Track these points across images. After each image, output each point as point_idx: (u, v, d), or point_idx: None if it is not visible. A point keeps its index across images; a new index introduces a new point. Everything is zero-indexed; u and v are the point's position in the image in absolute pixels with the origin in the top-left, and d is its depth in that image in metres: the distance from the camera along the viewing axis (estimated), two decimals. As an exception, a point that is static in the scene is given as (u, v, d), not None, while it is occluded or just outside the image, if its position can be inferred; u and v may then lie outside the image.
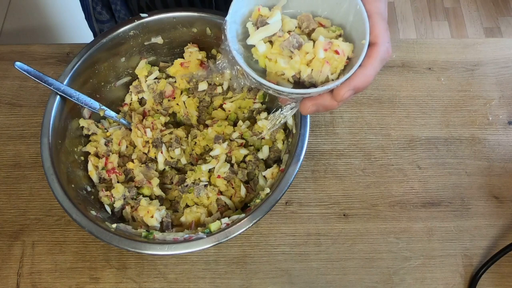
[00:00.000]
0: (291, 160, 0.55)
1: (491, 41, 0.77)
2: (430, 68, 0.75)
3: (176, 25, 0.65)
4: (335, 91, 0.44)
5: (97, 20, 0.83)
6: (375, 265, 0.61)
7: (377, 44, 0.43)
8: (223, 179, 0.61)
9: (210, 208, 0.60)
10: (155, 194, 0.62)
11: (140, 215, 0.59)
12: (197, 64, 0.66)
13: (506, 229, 0.63)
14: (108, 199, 0.60)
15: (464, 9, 1.93)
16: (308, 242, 0.62)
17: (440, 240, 0.62)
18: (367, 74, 0.43)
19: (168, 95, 0.68)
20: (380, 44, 0.43)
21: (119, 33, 0.64)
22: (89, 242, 0.62)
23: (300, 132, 0.57)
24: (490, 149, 0.69)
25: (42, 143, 0.57)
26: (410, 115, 0.71)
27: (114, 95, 0.69)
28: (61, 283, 0.60)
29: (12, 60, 0.75)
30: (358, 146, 0.69)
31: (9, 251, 0.61)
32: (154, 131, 0.64)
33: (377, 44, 0.43)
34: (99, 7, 0.80)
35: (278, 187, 0.54)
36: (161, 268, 0.60)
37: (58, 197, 0.54)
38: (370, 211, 0.64)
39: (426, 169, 0.67)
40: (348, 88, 0.43)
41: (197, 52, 0.66)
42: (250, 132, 0.65)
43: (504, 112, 0.71)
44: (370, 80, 0.43)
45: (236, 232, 0.52)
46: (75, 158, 0.62)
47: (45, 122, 0.58)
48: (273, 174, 0.60)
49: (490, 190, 0.66)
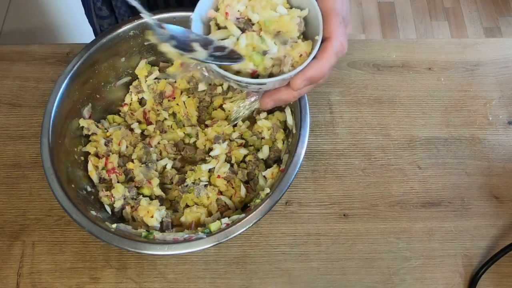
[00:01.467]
0: (291, 160, 0.55)
1: (491, 41, 0.78)
2: (430, 68, 0.75)
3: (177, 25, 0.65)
4: (291, 82, 0.47)
5: (97, 16, 0.83)
6: (375, 265, 0.61)
7: (330, 39, 0.46)
8: (223, 179, 0.61)
9: (210, 208, 0.60)
10: (155, 194, 0.62)
11: (140, 215, 0.59)
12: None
13: (506, 229, 0.63)
14: (108, 199, 0.60)
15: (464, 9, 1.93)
16: (308, 242, 0.62)
17: (440, 240, 0.62)
18: (321, 66, 0.46)
19: (168, 95, 0.68)
20: (333, 39, 0.46)
21: (119, 33, 0.64)
22: (89, 242, 0.62)
23: (300, 132, 0.57)
24: (490, 149, 0.69)
25: (42, 143, 0.57)
26: (410, 115, 0.71)
27: (114, 95, 0.69)
28: (61, 283, 0.60)
29: (12, 60, 0.75)
30: (358, 146, 0.69)
31: (9, 251, 0.61)
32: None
33: (331, 39, 0.46)
34: (99, 3, 0.80)
35: (278, 187, 0.54)
36: (161, 268, 0.60)
37: (58, 197, 0.54)
38: (370, 211, 0.64)
39: (426, 169, 0.67)
40: (303, 78, 0.46)
41: None
42: (250, 132, 0.65)
43: (504, 112, 0.71)
44: (325, 72, 0.46)
45: (236, 232, 0.52)
46: (75, 158, 0.62)
47: (45, 122, 0.58)
48: (273, 174, 0.60)
49: (490, 190, 0.66)
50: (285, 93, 0.48)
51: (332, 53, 0.46)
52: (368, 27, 1.90)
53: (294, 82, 0.46)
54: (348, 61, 0.75)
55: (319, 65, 0.46)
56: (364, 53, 0.76)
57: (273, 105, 0.50)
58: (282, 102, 0.50)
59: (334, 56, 0.46)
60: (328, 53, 0.46)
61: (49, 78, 0.73)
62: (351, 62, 0.75)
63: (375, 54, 0.76)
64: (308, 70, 0.46)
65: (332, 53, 0.46)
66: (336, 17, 0.46)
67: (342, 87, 0.73)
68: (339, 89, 0.73)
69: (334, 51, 0.46)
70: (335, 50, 0.46)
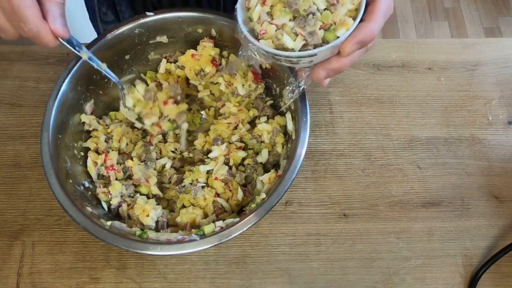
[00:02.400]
0: (289, 166, 0.55)
1: (491, 41, 0.78)
2: (430, 68, 0.75)
3: (182, 25, 0.65)
4: (341, 48, 0.46)
5: (101, 20, 0.83)
6: (375, 265, 0.61)
7: (377, 0, 0.45)
8: (221, 181, 0.61)
9: (206, 209, 0.60)
10: (153, 193, 0.62)
11: (136, 214, 0.59)
12: (208, 60, 0.66)
13: (506, 229, 0.63)
14: (105, 196, 0.60)
15: (464, 9, 1.93)
16: (308, 242, 0.62)
17: (440, 240, 0.62)
18: (371, 27, 0.45)
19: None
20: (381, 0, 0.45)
21: (124, 30, 0.64)
22: (89, 242, 0.62)
23: (299, 139, 0.57)
24: (490, 149, 0.69)
25: (42, 137, 0.57)
26: (410, 115, 0.71)
27: (117, 92, 0.69)
28: (61, 283, 0.60)
29: (12, 60, 0.75)
30: (358, 146, 0.69)
31: (9, 251, 0.61)
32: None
33: (378, 0, 0.45)
34: (104, 8, 0.80)
35: (274, 193, 0.54)
36: (161, 268, 0.60)
37: (55, 191, 0.54)
38: (370, 211, 0.64)
39: (426, 169, 0.67)
40: (354, 41, 0.45)
41: (211, 48, 0.66)
42: (250, 135, 0.65)
43: (504, 112, 0.71)
44: (374, 33, 0.45)
45: (230, 236, 0.52)
46: (75, 153, 0.62)
47: (46, 116, 0.58)
48: (270, 179, 0.60)
49: (490, 190, 0.66)
50: (336, 62, 0.47)
51: (380, 13, 0.45)
52: (368, 27, 1.89)
53: (344, 47, 0.45)
54: (348, 61, 0.75)
55: (369, 27, 0.45)
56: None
57: (325, 76, 0.48)
58: (334, 72, 0.48)
59: (383, 17, 0.45)
60: (376, 13, 0.45)
61: (49, 78, 0.73)
62: (351, 62, 0.75)
63: (375, 54, 0.76)
64: (358, 32, 0.45)
65: (380, 13, 0.45)
66: None
67: (342, 87, 0.73)
68: (339, 89, 0.73)
69: (382, 11, 0.45)
70: (383, 10, 0.45)
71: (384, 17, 0.46)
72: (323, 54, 0.47)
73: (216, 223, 0.56)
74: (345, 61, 0.47)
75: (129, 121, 0.68)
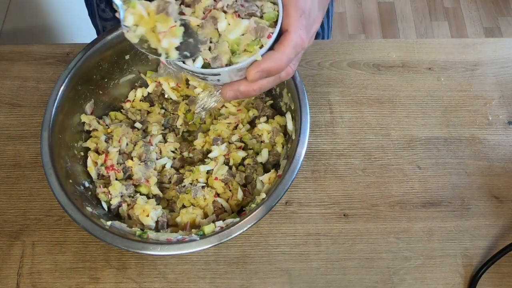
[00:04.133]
0: (289, 166, 0.55)
1: (491, 41, 0.78)
2: (430, 68, 0.75)
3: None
4: (246, 74, 0.46)
5: (100, 18, 0.83)
6: (375, 265, 0.61)
7: (289, 32, 0.45)
8: (221, 181, 0.61)
9: (206, 210, 0.60)
10: (153, 193, 0.62)
11: (136, 214, 0.59)
12: None
13: (506, 229, 0.63)
14: (105, 196, 0.60)
15: (464, 9, 1.93)
16: (308, 242, 0.62)
17: (440, 240, 0.62)
18: (278, 57, 0.44)
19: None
20: (292, 32, 0.44)
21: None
22: (89, 242, 0.62)
23: (299, 139, 0.57)
24: (490, 149, 0.69)
25: (42, 137, 0.57)
26: (410, 115, 0.71)
27: (117, 92, 0.69)
28: (61, 283, 0.60)
29: (12, 60, 0.75)
30: (358, 146, 0.69)
31: (9, 251, 0.61)
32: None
33: (289, 32, 0.45)
34: (102, 5, 0.80)
35: (274, 193, 0.54)
36: (161, 268, 0.60)
37: (55, 191, 0.54)
38: (370, 211, 0.64)
39: (426, 169, 0.67)
40: (258, 69, 0.44)
41: None
42: (250, 135, 0.65)
43: (504, 112, 0.71)
44: (282, 64, 0.45)
45: (229, 236, 0.52)
46: (75, 153, 0.62)
47: (46, 116, 0.58)
48: (270, 179, 0.60)
49: (490, 190, 0.66)
50: (244, 86, 0.47)
51: (289, 45, 0.44)
52: (368, 27, 1.90)
53: (248, 73, 0.45)
54: (348, 61, 0.75)
55: (276, 57, 0.44)
56: (364, 53, 0.76)
57: (233, 96, 0.48)
58: (242, 94, 0.48)
59: (292, 49, 0.45)
60: (284, 45, 0.44)
61: (49, 78, 0.73)
62: (351, 62, 0.75)
63: (375, 54, 0.76)
64: (263, 61, 0.44)
65: (289, 45, 0.44)
66: (296, 10, 0.45)
67: (342, 87, 0.73)
68: (339, 89, 0.73)
69: (292, 43, 0.44)
70: (293, 42, 0.44)
71: (294, 49, 0.45)
72: (228, 75, 0.46)
73: (216, 223, 0.56)
74: (253, 86, 0.46)
75: (129, 121, 0.68)
